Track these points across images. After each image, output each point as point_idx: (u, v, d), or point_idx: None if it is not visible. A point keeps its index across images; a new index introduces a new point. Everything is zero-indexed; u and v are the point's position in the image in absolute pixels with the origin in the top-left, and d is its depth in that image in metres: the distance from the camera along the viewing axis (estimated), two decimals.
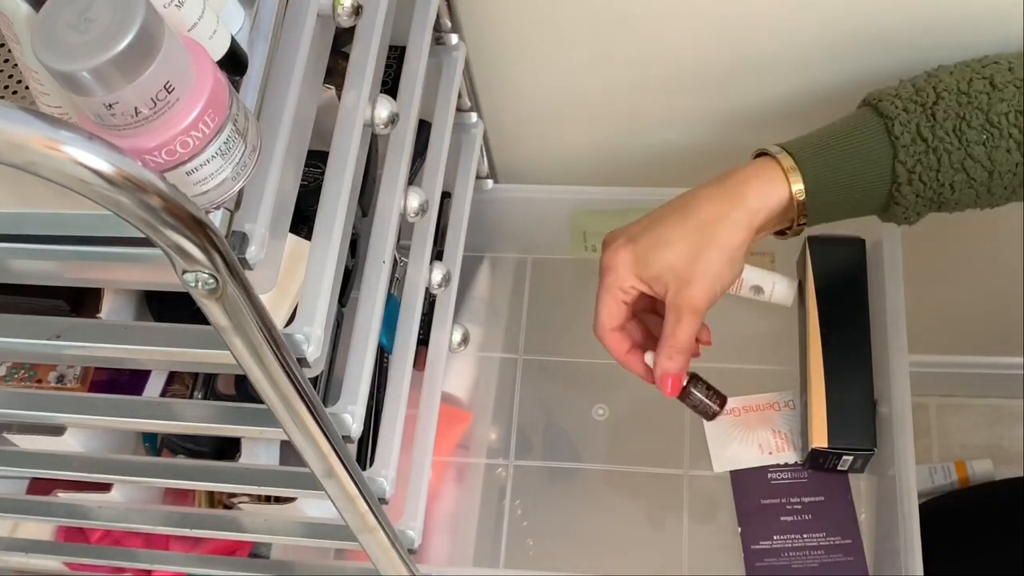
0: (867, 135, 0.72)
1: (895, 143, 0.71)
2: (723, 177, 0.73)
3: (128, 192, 0.39)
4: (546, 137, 1.03)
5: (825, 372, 0.90)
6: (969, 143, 0.69)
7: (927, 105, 0.71)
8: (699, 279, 0.71)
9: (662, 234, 0.72)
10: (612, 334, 0.75)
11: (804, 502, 0.82)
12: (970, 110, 0.70)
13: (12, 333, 0.60)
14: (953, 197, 0.71)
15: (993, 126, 0.69)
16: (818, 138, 0.73)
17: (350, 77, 0.66)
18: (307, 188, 0.62)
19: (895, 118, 0.71)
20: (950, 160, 0.70)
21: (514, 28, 0.91)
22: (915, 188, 0.71)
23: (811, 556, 0.81)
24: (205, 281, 0.45)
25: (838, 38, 0.88)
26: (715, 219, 0.71)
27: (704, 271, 0.71)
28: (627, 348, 0.76)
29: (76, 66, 0.41)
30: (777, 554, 0.79)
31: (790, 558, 0.80)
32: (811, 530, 0.81)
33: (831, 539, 0.81)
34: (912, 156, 0.70)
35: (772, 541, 0.80)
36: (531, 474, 0.96)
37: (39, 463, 0.79)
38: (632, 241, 0.73)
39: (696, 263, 0.71)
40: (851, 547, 0.80)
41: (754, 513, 0.81)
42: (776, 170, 0.72)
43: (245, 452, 0.82)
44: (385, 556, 0.76)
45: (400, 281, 0.80)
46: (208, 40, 0.50)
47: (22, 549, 0.92)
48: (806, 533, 0.81)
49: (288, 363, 0.54)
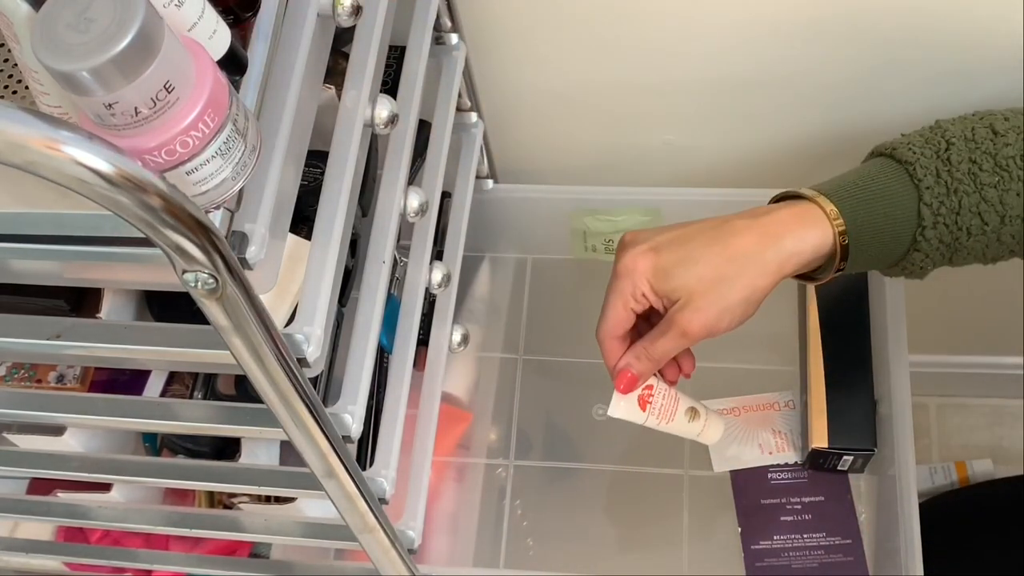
0: (891, 179, 0.71)
1: (919, 185, 0.70)
2: (760, 212, 0.71)
3: (128, 192, 0.39)
4: (546, 137, 1.03)
5: (825, 372, 0.90)
6: (983, 186, 0.69)
7: (940, 151, 0.71)
8: (708, 307, 0.69)
9: (691, 252, 0.70)
10: (613, 341, 0.74)
11: (804, 502, 0.82)
12: (979, 154, 0.70)
13: (12, 333, 0.60)
14: (967, 244, 0.71)
15: (1003, 169, 0.69)
16: (847, 181, 0.72)
17: (350, 77, 0.66)
18: (307, 188, 0.62)
19: (915, 162, 0.71)
20: (968, 203, 0.69)
21: (514, 28, 0.91)
22: (939, 232, 0.70)
23: (811, 556, 0.81)
24: (205, 281, 0.45)
25: (838, 36, 0.88)
26: (747, 254, 0.69)
27: (718, 302, 0.69)
28: (620, 354, 0.75)
29: (76, 66, 0.41)
30: (777, 554, 0.79)
31: (790, 558, 0.80)
32: (811, 530, 0.80)
33: (831, 539, 0.81)
34: (936, 198, 0.70)
35: (772, 541, 0.80)
36: (531, 474, 0.96)
37: (39, 463, 0.79)
38: (656, 251, 0.71)
39: (713, 291, 0.69)
40: (851, 547, 0.80)
41: (754, 513, 0.81)
42: (817, 212, 0.70)
43: (245, 452, 0.82)
44: (385, 556, 0.76)
45: (400, 281, 0.80)
46: (208, 39, 0.50)
47: (22, 549, 0.92)
48: (806, 533, 0.81)
49: (288, 363, 0.54)
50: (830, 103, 0.94)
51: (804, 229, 0.69)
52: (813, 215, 0.70)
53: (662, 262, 0.70)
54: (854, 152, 0.99)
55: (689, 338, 0.70)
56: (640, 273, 0.70)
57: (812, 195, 0.71)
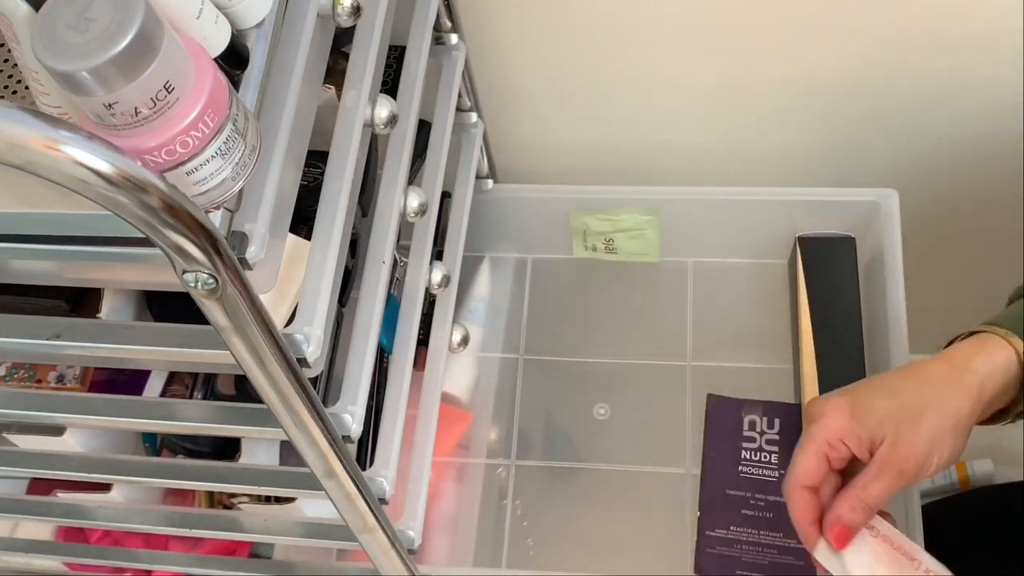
0: None
1: None
2: (942, 352, 0.69)
3: (128, 192, 0.39)
4: (546, 137, 1.03)
5: (818, 371, 0.90)
6: None
7: None
8: (919, 439, 0.64)
9: (883, 384, 0.67)
10: (803, 492, 0.66)
11: (768, 500, 0.82)
12: None
13: (12, 333, 0.60)
14: None
15: None
16: (1015, 310, 0.70)
17: (350, 77, 0.66)
18: (307, 188, 0.62)
19: None
20: None
21: (514, 28, 0.91)
22: None
23: (763, 553, 0.80)
24: (205, 281, 0.45)
25: (838, 36, 0.88)
26: (942, 380, 0.66)
27: (927, 431, 0.64)
28: (815, 516, 0.66)
29: (76, 66, 0.41)
30: (730, 544, 0.79)
31: (742, 551, 0.80)
32: (769, 528, 0.80)
33: (787, 541, 0.81)
34: None
35: (728, 531, 0.79)
36: (531, 474, 0.96)
37: (39, 463, 0.79)
38: (849, 393, 0.67)
39: (919, 421, 0.64)
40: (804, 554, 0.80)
41: (718, 500, 0.80)
42: (994, 338, 0.68)
43: (245, 452, 0.82)
44: (385, 556, 0.76)
45: (400, 281, 0.80)
46: (213, 25, 0.50)
47: (22, 549, 0.92)
48: (763, 530, 0.80)
49: (288, 363, 0.54)
50: (830, 103, 0.94)
51: (990, 353, 0.67)
52: (992, 341, 0.67)
53: (858, 399, 0.66)
54: (854, 151, 1.00)
55: (906, 477, 0.64)
56: (835, 413, 0.65)
57: (986, 328, 0.69)
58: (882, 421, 0.64)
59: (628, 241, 1.02)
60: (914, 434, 0.63)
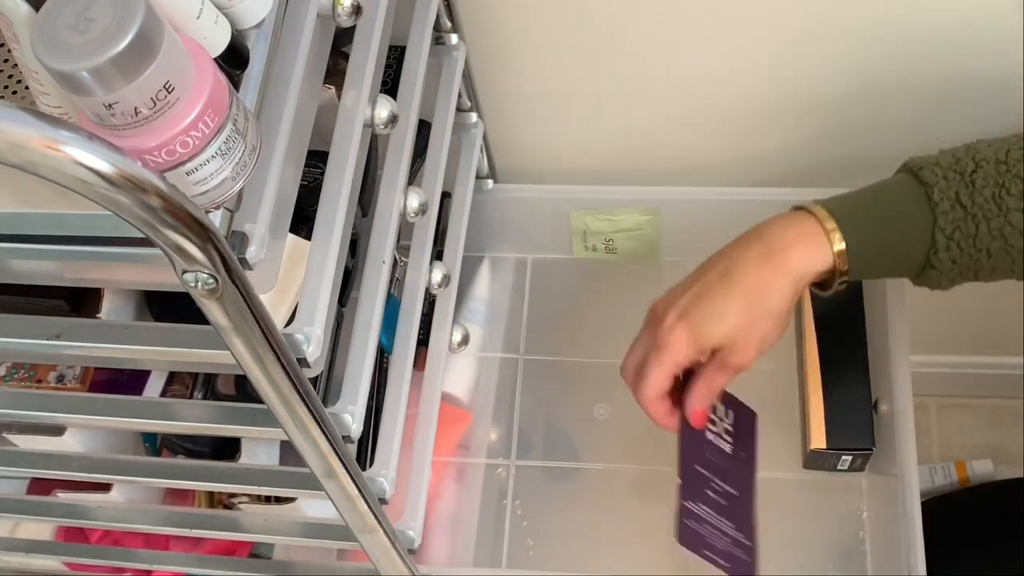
0: (907, 201, 0.73)
1: (935, 210, 0.71)
2: (762, 237, 0.75)
3: (128, 192, 0.39)
4: (546, 137, 1.03)
5: (822, 373, 0.90)
6: (1008, 210, 0.70)
7: (966, 173, 0.72)
8: (751, 344, 0.74)
9: (714, 306, 0.74)
10: (658, 402, 0.78)
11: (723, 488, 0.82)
12: (1009, 178, 0.71)
13: (12, 333, 0.60)
14: (989, 264, 0.72)
15: None
16: (858, 201, 0.75)
17: (350, 77, 0.66)
18: (307, 188, 0.62)
19: (935, 185, 0.72)
20: (988, 227, 0.71)
21: (514, 28, 0.91)
22: (952, 254, 0.72)
23: (723, 539, 0.81)
24: (205, 281, 0.45)
25: (838, 33, 0.88)
26: (762, 286, 0.73)
27: (757, 337, 0.74)
28: (668, 411, 0.79)
29: (76, 66, 0.41)
30: (700, 521, 0.80)
31: (709, 531, 0.80)
32: (725, 515, 0.81)
33: (736, 533, 0.81)
34: (951, 223, 0.71)
35: (699, 507, 0.80)
36: (531, 474, 0.96)
37: (39, 463, 0.79)
38: (685, 317, 0.75)
39: (749, 330, 0.74)
40: (750, 550, 0.81)
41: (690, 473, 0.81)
42: (819, 233, 0.73)
43: (245, 452, 0.82)
44: (385, 556, 0.76)
45: (400, 281, 0.80)
46: (213, 25, 0.50)
47: (22, 549, 0.92)
48: (722, 516, 0.81)
49: (288, 363, 0.54)
50: (830, 104, 0.94)
51: (809, 250, 0.73)
52: (814, 235, 0.73)
53: (695, 325, 0.75)
54: (854, 151, 1.00)
55: (743, 369, 0.76)
56: (679, 343, 0.75)
57: (817, 212, 0.74)
58: (718, 340, 0.75)
59: (628, 241, 1.02)
60: (747, 342, 0.74)
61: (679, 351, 0.75)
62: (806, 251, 0.73)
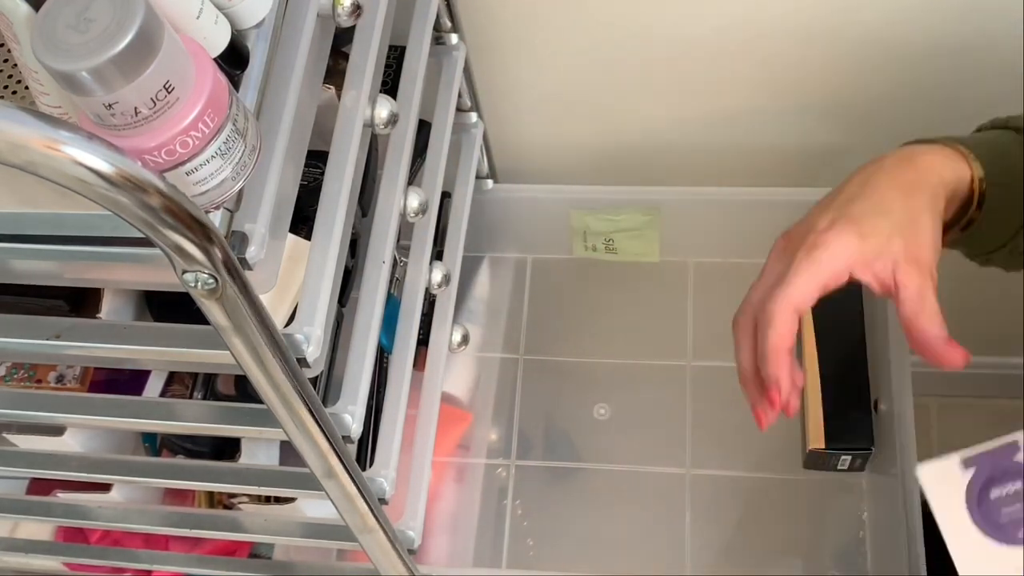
0: (1007, 142, 0.69)
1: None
2: (895, 152, 0.66)
3: (128, 192, 0.39)
4: (546, 137, 1.03)
5: (821, 372, 0.90)
6: None
7: None
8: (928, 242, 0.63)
9: (872, 201, 0.63)
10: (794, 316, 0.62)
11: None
12: None
13: (12, 333, 0.60)
14: None
15: None
16: (968, 137, 0.69)
17: (350, 77, 0.66)
18: (307, 188, 0.62)
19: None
20: None
21: (514, 28, 0.91)
22: None
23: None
24: (205, 281, 0.45)
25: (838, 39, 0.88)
26: (911, 184, 0.64)
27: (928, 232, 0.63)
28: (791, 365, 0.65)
29: (76, 66, 0.41)
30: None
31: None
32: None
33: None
34: None
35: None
36: (531, 474, 0.96)
37: (39, 463, 0.79)
38: (843, 216, 0.63)
39: (916, 225, 0.63)
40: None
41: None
42: (955, 153, 0.66)
43: (245, 452, 0.82)
44: (385, 556, 0.76)
45: (400, 281, 0.80)
46: (213, 25, 0.50)
47: (22, 549, 0.92)
48: None
49: (288, 363, 0.54)
50: (830, 104, 0.94)
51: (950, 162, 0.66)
52: (950, 152, 0.66)
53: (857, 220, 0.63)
54: (855, 152, 1.00)
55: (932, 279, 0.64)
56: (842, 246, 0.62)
57: (948, 143, 0.67)
58: (889, 237, 0.62)
59: (628, 241, 1.02)
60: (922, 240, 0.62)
61: (841, 253, 0.61)
62: (947, 163, 0.65)
